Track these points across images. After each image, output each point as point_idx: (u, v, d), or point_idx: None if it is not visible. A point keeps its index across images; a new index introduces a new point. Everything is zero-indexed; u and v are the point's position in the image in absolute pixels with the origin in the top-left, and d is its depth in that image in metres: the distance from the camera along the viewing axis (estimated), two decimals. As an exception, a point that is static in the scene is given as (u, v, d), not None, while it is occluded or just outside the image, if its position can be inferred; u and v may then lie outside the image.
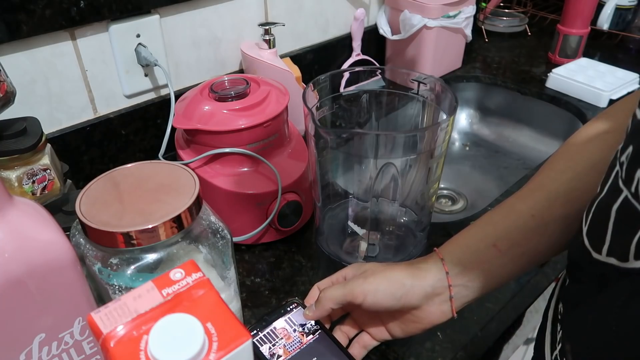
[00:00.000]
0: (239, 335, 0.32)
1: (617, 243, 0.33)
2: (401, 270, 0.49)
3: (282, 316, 0.53)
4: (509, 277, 0.49)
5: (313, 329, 0.52)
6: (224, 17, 0.85)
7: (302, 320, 0.52)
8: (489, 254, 0.48)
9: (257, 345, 0.49)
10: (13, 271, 0.35)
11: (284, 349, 0.49)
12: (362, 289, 0.48)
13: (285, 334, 0.50)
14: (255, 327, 0.51)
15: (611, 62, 1.10)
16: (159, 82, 0.82)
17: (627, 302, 0.32)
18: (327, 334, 0.51)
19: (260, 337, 0.50)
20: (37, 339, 0.38)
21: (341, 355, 0.50)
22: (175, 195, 0.44)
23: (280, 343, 0.50)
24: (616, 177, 0.34)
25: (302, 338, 0.50)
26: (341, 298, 0.49)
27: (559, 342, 0.42)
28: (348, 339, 0.54)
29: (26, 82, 0.69)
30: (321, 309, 0.50)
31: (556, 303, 0.46)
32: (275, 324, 0.52)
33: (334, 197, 0.69)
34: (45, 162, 0.58)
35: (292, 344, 0.50)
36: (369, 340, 0.53)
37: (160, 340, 0.30)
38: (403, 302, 0.48)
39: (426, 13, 1.00)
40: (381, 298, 0.48)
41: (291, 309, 0.53)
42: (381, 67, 1.14)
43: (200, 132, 0.65)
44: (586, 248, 0.37)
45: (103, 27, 0.73)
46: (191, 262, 0.36)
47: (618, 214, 0.33)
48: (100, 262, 0.43)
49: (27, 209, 0.37)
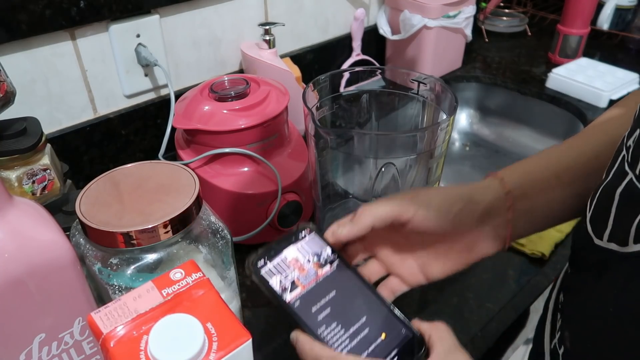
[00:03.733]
0: (239, 335, 0.32)
1: (618, 227, 0.33)
2: (456, 187, 0.44)
3: (293, 244, 0.43)
4: (564, 215, 0.46)
5: (330, 258, 0.43)
6: (224, 17, 0.85)
7: (318, 248, 0.44)
8: (551, 183, 0.44)
9: (265, 278, 0.41)
10: (13, 271, 0.35)
11: (298, 282, 0.41)
12: (413, 202, 0.41)
13: (298, 265, 0.42)
14: (261, 256, 0.42)
15: (611, 62, 1.10)
16: (159, 82, 0.82)
17: (625, 285, 0.33)
18: (347, 266, 0.43)
19: (268, 269, 0.42)
20: (37, 339, 0.38)
21: (364, 290, 0.42)
22: (175, 195, 0.44)
23: (293, 275, 0.41)
24: (622, 161, 0.34)
25: (317, 270, 0.42)
26: (386, 213, 0.41)
27: (559, 330, 0.42)
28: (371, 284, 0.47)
29: (26, 82, 0.69)
30: (360, 224, 0.42)
31: (557, 293, 0.47)
32: (286, 253, 0.43)
33: (334, 197, 0.69)
34: (45, 162, 0.58)
35: (307, 277, 0.42)
36: (398, 285, 0.46)
37: (160, 340, 0.30)
38: (457, 221, 0.42)
39: (426, 13, 1.00)
40: (434, 214, 0.41)
41: (304, 235, 0.44)
42: (381, 67, 1.13)
43: (200, 132, 0.65)
44: (588, 234, 0.37)
45: (103, 27, 0.73)
46: (191, 262, 0.36)
47: (622, 196, 0.33)
48: (100, 262, 0.43)
49: (27, 209, 0.37)
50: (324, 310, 0.40)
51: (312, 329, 0.39)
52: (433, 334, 0.39)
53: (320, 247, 0.44)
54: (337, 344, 0.39)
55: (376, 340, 0.40)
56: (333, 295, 0.41)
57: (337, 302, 0.41)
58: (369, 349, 0.39)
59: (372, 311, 0.41)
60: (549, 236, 0.68)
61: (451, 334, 0.39)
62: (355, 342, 0.39)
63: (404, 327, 0.40)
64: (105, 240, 0.41)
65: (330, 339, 0.39)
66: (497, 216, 0.43)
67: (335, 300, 0.41)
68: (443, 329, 0.39)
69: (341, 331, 0.39)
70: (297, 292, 0.40)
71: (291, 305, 0.40)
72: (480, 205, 0.43)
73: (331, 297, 0.41)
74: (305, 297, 0.40)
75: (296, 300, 0.40)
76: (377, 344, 0.39)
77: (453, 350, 0.38)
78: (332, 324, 0.40)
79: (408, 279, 0.45)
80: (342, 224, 0.43)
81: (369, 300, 0.42)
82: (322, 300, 0.40)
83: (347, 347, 0.39)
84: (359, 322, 0.40)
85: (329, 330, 0.39)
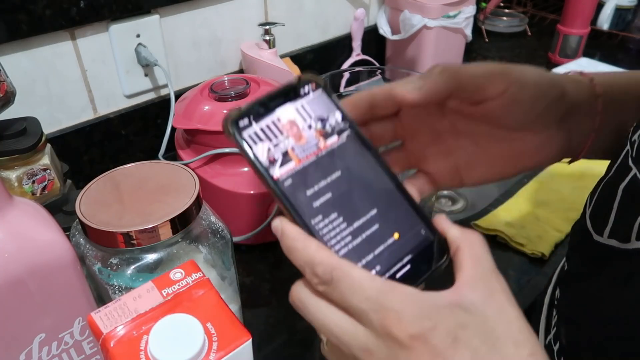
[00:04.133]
0: (239, 335, 0.32)
1: (620, 223, 0.33)
2: (545, 71, 0.35)
3: (291, 101, 0.31)
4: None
5: (340, 127, 0.32)
6: (224, 17, 0.85)
7: (324, 111, 0.32)
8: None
9: (248, 144, 0.29)
10: (13, 271, 0.35)
11: (292, 154, 0.30)
12: (506, 75, 0.32)
13: (295, 131, 0.31)
14: (246, 113, 0.30)
15: (611, 62, 1.10)
16: (159, 82, 0.82)
17: (626, 281, 0.32)
18: (361, 141, 0.32)
19: (254, 131, 0.30)
20: (37, 339, 0.38)
21: (380, 175, 0.32)
22: (175, 195, 0.44)
23: (286, 144, 0.30)
24: (626, 157, 0.34)
25: (320, 140, 0.31)
26: (474, 79, 0.32)
27: (554, 327, 0.42)
28: None
29: (26, 82, 0.69)
30: (432, 83, 0.31)
31: (553, 289, 0.46)
32: (280, 112, 0.31)
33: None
34: (45, 162, 0.58)
35: (305, 148, 0.31)
36: (425, 185, 0.36)
37: (160, 340, 0.30)
38: (544, 113, 0.33)
39: (426, 13, 1.00)
40: (527, 97, 0.32)
41: (307, 92, 0.32)
42: (381, 67, 1.13)
43: (200, 132, 0.65)
44: (587, 230, 0.37)
45: (103, 27, 0.73)
46: (191, 262, 0.36)
47: (624, 192, 0.33)
48: (100, 262, 0.43)
49: (27, 209, 0.37)
50: (322, 195, 0.30)
51: (304, 217, 0.29)
52: (463, 247, 0.29)
53: (328, 111, 0.32)
54: (334, 242, 0.29)
55: (386, 241, 0.31)
56: (337, 176, 0.31)
57: (341, 187, 0.31)
58: (375, 250, 0.30)
59: (385, 203, 0.31)
60: (549, 236, 0.68)
61: (486, 251, 0.29)
62: (359, 242, 0.30)
63: (424, 227, 0.31)
64: (105, 240, 0.41)
65: (326, 234, 0.29)
66: (581, 120, 0.35)
67: (339, 183, 0.31)
68: (477, 242, 0.29)
69: (342, 225, 0.30)
70: (289, 167, 0.30)
71: (279, 183, 0.30)
72: (569, 102, 0.34)
73: (334, 179, 0.31)
74: (300, 174, 0.30)
75: (287, 177, 0.30)
76: (386, 246, 0.30)
77: (487, 275, 0.27)
78: (331, 214, 0.30)
79: (440, 179, 0.36)
80: (402, 84, 0.31)
81: (383, 189, 0.32)
82: (322, 181, 0.30)
83: (347, 247, 0.30)
84: (367, 216, 0.31)
85: (326, 222, 0.30)
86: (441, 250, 0.31)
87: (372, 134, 0.35)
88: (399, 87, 0.31)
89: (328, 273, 0.27)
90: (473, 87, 0.32)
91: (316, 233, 0.29)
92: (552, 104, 0.33)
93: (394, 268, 0.30)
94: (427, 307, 0.25)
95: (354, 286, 0.26)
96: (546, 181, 0.79)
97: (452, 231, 0.30)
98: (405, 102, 0.32)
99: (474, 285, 0.27)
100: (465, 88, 0.32)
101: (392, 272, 0.30)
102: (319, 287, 0.27)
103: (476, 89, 0.32)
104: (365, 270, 0.28)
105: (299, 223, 0.29)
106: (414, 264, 0.31)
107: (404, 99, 0.31)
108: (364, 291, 0.26)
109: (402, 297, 0.26)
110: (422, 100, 0.31)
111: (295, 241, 0.28)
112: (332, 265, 0.27)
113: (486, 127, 0.34)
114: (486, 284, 0.27)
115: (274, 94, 0.31)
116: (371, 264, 0.30)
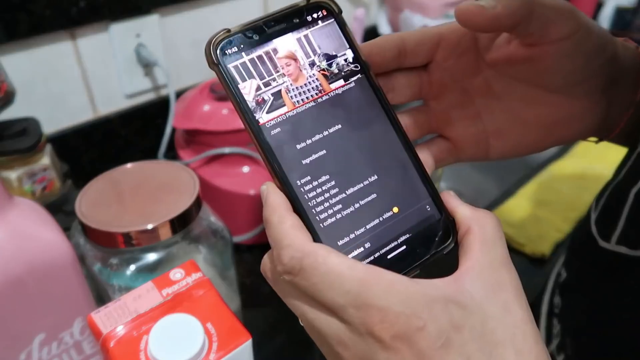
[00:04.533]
0: (239, 335, 0.32)
1: (631, 228, 0.32)
2: (600, 27, 0.30)
3: (294, 30, 0.26)
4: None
5: (349, 70, 0.27)
6: (224, 17, 0.85)
7: (333, 46, 0.26)
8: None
9: (232, 76, 0.25)
10: (13, 271, 0.35)
11: (285, 96, 0.25)
12: (577, 15, 0.27)
13: (293, 68, 0.26)
14: (235, 36, 0.25)
15: (611, 62, 1.10)
16: (158, 82, 0.82)
17: (638, 292, 0.31)
18: (373, 90, 0.27)
19: (243, 61, 0.25)
20: (37, 339, 0.38)
21: (389, 135, 0.27)
22: (175, 195, 0.44)
23: (280, 82, 0.25)
24: (637, 160, 0.33)
25: (322, 82, 0.26)
26: (547, 1, 0.26)
27: (557, 337, 0.41)
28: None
29: (26, 82, 0.69)
30: (507, 1, 0.25)
31: (550, 296, 0.45)
32: (278, 42, 0.26)
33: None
34: (45, 162, 0.58)
35: (302, 91, 0.26)
36: (444, 152, 0.32)
37: (160, 340, 0.30)
38: (598, 74, 0.29)
39: (426, 13, 1.00)
40: (591, 46, 0.28)
41: (315, 19, 0.26)
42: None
43: (200, 132, 0.65)
44: (592, 236, 0.35)
45: (103, 27, 0.73)
46: (191, 262, 0.36)
47: (637, 197, 0.31)
48: (100, 262, 0.43)
49: (27, 209, 0.37)
50: (315, 151, 0.25)
51: (288, 175, 0.25)
52: (474, 229, 0.25)
53: (339, 47, 0.27)
54: (320, 209, 0.25)
55: (382, 214, 0.26)
56: (336, 130, 0.26)
57: (340, 144, 0.26)
58: (367, 224, 0.25)
59: (389, 170, 0.26)
60: (549, 236, 0.68)
61: (501, 237, 0.25)
62: (350, 212, 0.25)
63: (431, 204, 0.27)
64: (105, 240, 0.41)
65: (312, 199, 0.25)
66: (623, 91, 0.31)
67: (337, 139, 0.26)
68: (491, 225, 0.25)
69: (333, 190, 0.25)
70: (279, 112, 0.25)
71: (264, 130, 0.25)
72: (619, 66, 0.30)
73: (332, 133, 0.26)
74: (292, 122, 0.25)
75: (275, 125, 0.25)
76: (382, 220, 0.26)
77: (496, 265, 0.24)
78: (322, 175, 0.25)
79: (464, 147, 0.32)
80: (467, 3, 0.26)
81: (390, 153, 0.27)
82: (317, 134, 0.25)
83: (334, 217, 0.25)
84: (364, 182, 0.26)
85: (314, 184, 0.25)
86: (447, 231, 0.26)
87: (393, 88, 0.29)
88: (465, 5, 0.25)
89: (296, 260, 0.22)
90: (543, 19, 0.26)
91: (300, 196, 0.24)
92: (605, 65, 0.29)
93: (386, 247, 0.25)
94: (416, 302, 0.21)
95: (330, 278, 0.22)
96: (546, 181, 0.79)
97: (461, 210, 0.26)
98: (473, 25, 0.26)
99: (478, 275, 0.23)
100: (534, 19, 0.26)
101: (383, 251, 0.25)
102: (284, 277, 0.23)
103: (544, 23, 0.26)
104: (343, 257, 0.23)
105: (281, 182, 0.25)
106: (411, 245, 0.26)
107: (472, 21, 0.25)
108: (343, 284, 0.22)
109: (387, 289, 0.21)
110: (495, 24, 0.25)
111: (272, 213, 0.24)
112: (303, 252, 0.22)
113: (524, 87, 0.30)
114: (493, 275, 0.23)
115: (273, 16, 0.26)
116: (359, 240, 0.25)
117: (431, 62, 0.30)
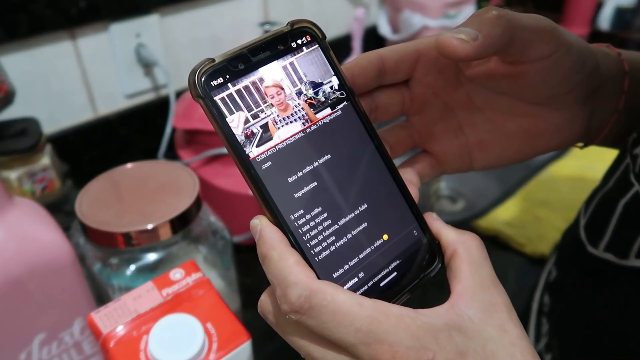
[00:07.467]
0: (239, 335, 0.32)
1: (618, 238, 0.32)
2: (580, 38, 0.30)
3: (280, 58, 0.25)
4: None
5: (335, 97, 0.26)
6: (224, 17, 0.85)
7: (319, 73, 0.26)
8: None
9: (220, 110, 0.24)
10: (13, 271, 0.35)
11: (273, 128, 0.24)
12: (557, 34, 0.27)
13: (280, 100, 0.25)
14: (220, 68, 0.24)
15: (611, 62, 1.10)
16: (158, 82, 0.82)
17: (624, 301, 0.32)
18: (359, 117, 0.27)
19: (229, 93, 0.24)
20: (37, 339, 0.38)
21: (376, 163, 0.27)
22: (175, 195, 0.44)
23: (268, 114, 0.24)
24: (626, 170, 0.33)
25: (308, 111, 0.25)
26: (528, 24, 0.26)
27: (545, 336, 0.41)
28: None
29: (26, 82, 0.69)
30: (490, 32, 0.25)
31: (541, 294, 0.45)
32: (264, 71, 0.25)
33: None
34: (45, 162, 0.58)
35: (291, 121, 0.25)
36: (427, 167, 0.32)
37: (160, 340, 0.30)
38: (579, 87, 0.29)
39: (426, 13, 1.00)
40: (571, 63, 0.28)
41: (299, 45, 0.26)
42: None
43: (200, 132, 0.65)
44: (580, 241, 0.36)
45: (103, 27, 0.73)
46: (191, 262, 0.36)
47: (625, 208, 0.32)
48: (100, 262, 0.43)
49: (27, 209, 0.37)
50: (306, 183, 0.25)
51: (281, 211, 0.24)
52: (460, 252, 0.25)
53: (324, 74, 0.26)
54: (314, 243, 0.24)
55: (374, 243, 0.26)
56: (325, 160, 0.25)
57: (330, 174, 0.25)
58: (360, 254, 0.25)
59: (378, 196, 0.26)
60: (549, 236, 0.68)
61: (486, 257, 0.25)
62: (343, 243, 0.25)
63: (417, 227, 0.27)
64: (105, 240, 0.41)
65: (306, 233, 0.24)
66: (606, 99, 0.32)
67: (327, 169, 0.25)
68: (475, 246, 0.25)
69: (326, 222, 0.25)
70: (269, 145, 0.24)
71: (255, 165, 0.24)
72: (601, 77, 0.30)
73: (322, 164, 0.25)
74: (282, 155, 0.24)
75: (266, 159, 0.24)
76: (373, 249, 0.26)
77: (487, 286, 0.24)
78: (315, 208, 0.25)
79: (447, 160, 0.32)
80: (451, 32, 0.25)
81: (377, 179, 0.26)
82: (307, 166, 0.25)
83: (328, 250, 0.25)
84: (355, 212, 0.26)
85: (307, 218, 0.25)
86: (432, 254, 0.27)
87: (376, 107, 0.29)
88: (445, 37, 0.24)
89: (304, 299, 0.22)
90: (524, 42, 0.26)
91: (294, 230, 0.24)
92: (586, 77, 0.29)
93: (378, 275, 0.25)
94: (424, 334, 0.22)
95: (339, 316, 0.22)
96: (546, 181, 0.79)
97: (446, 233, 0.26)
98: (454, 57, 0.25)
99: (472, 297, 0.24)
100: (515, 42, 0.26)
101: (375, 280, 0.25)
102: (291, 316, 0.23)
103: (525, 46, 0.26)
104: (351, 294, 0.23)
105: (274, 217, 0.24)
106: (401, 271, 0.26)
107: (454, 54, 0.24)
108: (353, 322, 0.22)
109: (396, 325, 0.22)
110: (477, 55, 0.24)
111: (271, 249, 0.23)
112: (311, 290, 0.22)
113: (505, 99, 0.30)
114: (485, 295, 0.24)
115: (257, 43, 0.25)
116: (353, 270, 0.25)
117: (411, 78, 0.30)
